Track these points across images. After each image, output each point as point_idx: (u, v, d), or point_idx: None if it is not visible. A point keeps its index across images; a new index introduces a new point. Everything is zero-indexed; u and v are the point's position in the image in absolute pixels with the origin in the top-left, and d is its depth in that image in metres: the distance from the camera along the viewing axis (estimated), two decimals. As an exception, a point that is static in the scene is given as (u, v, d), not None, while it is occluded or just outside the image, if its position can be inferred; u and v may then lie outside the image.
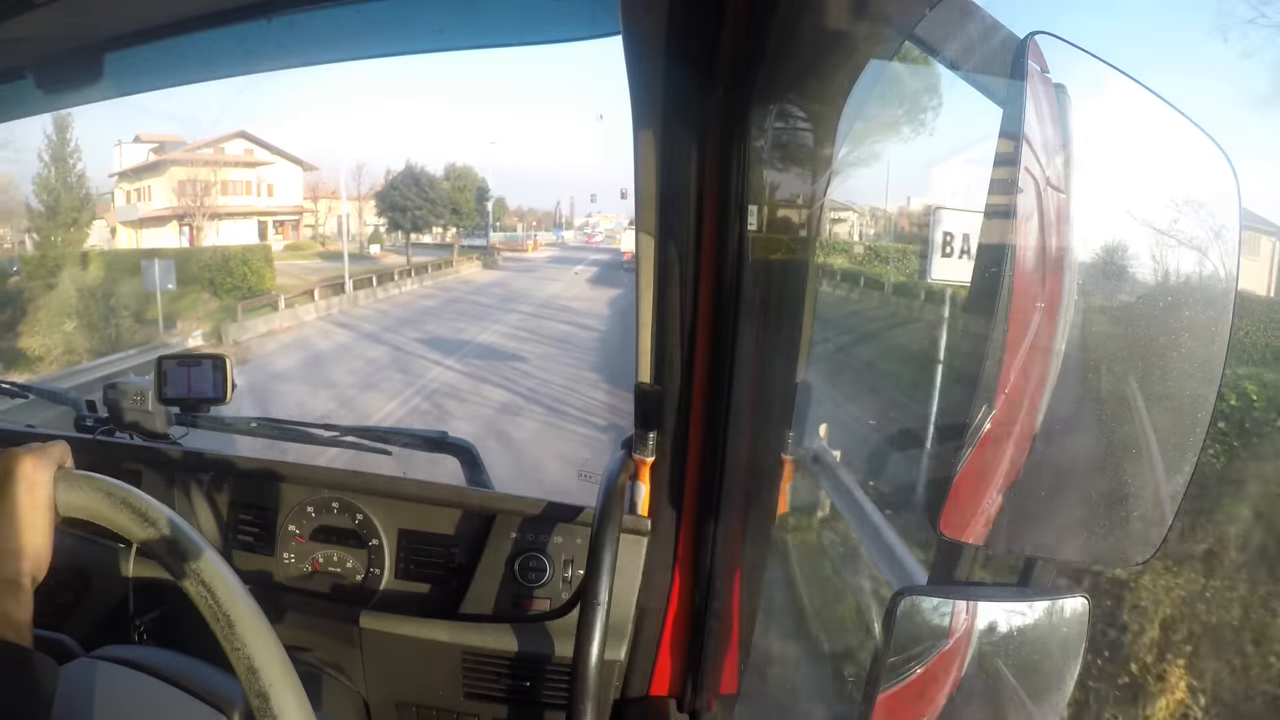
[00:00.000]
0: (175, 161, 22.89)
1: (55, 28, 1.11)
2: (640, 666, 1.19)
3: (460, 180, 30.20)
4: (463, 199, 29.80)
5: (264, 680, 0.60)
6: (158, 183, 22.97)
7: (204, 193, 23.59)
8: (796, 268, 1.10)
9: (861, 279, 5.91)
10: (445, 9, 1.18)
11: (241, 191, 25.51)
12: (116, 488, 0.67)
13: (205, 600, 0.62)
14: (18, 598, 0.61)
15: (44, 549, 0.64)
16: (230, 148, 25.74)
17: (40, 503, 0.65)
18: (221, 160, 25.26)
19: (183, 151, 23.09)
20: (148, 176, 22.99)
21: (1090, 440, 0.44)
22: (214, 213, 24.00)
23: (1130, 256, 0.43)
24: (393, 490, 1.26)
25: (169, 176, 22.88)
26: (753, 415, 1.07)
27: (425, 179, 28.38)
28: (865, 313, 5.70)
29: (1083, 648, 0.48)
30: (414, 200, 27.43)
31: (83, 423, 1.49)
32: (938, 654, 0.48)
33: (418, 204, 27.65)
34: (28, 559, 0.63)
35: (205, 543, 0.64)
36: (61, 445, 0.70)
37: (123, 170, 22.97)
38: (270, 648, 0.61)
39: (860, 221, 6.71)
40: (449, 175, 30.01)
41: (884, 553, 1.56)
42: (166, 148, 22.89)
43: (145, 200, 22.96)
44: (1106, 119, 0.45)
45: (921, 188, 7.26)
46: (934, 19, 0.69)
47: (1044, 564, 0.49)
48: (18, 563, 0.62)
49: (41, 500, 0.65)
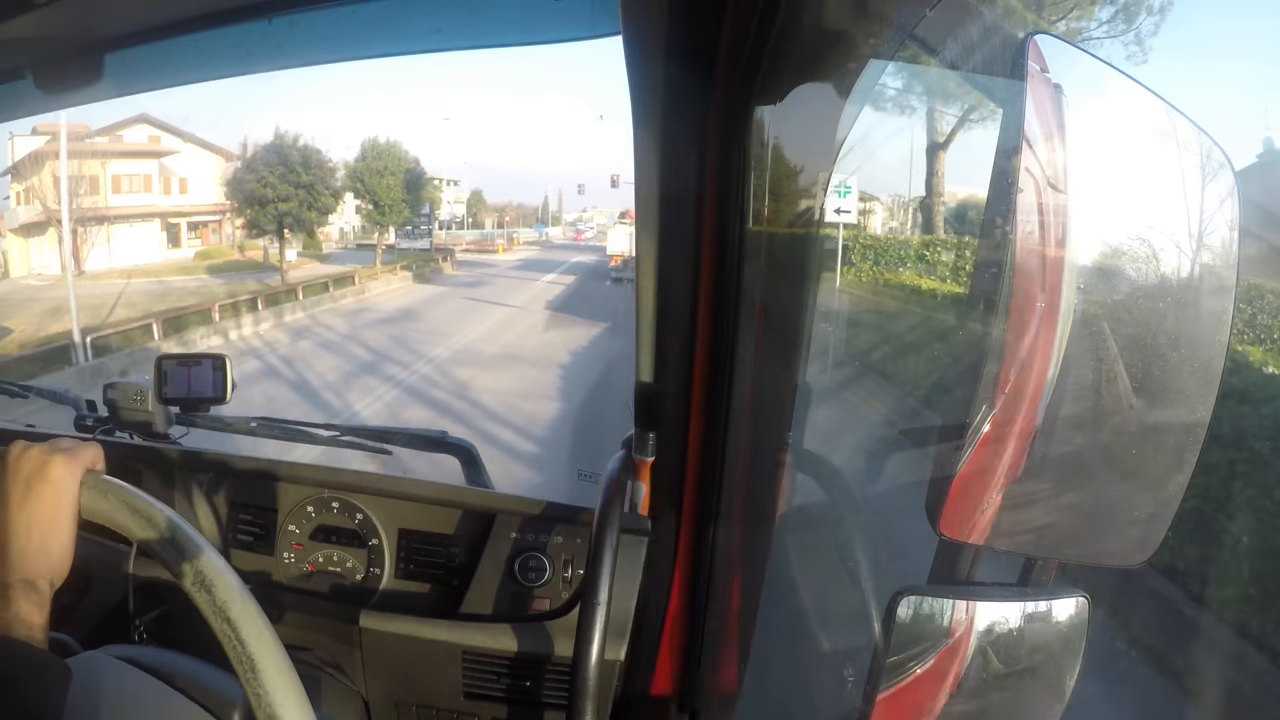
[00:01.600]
0: (52, 155, 16.99)
1: (55, 28, 1.11)
2: (640, 666, 1.19)
3: (381, 161, 22.01)
4: (382, 186, 21.80)
5: (264, 680, 0.60)
6: (41, 180, 18.14)
7: (89, 190, 18.44)
8: (797, 267, 1.10)
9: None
10: (445, 9, 1.17)
11: (139, 188, 20.22)
12: (134, 497, 0.65)
13: (205, 600, 0.62)
14: (34, 600, 0.60)
15: (66, 552, 0.63)
16: (131, 135, 20.25)
17: (65, 506, 0.64)
18: (110, 150, 19.51)
19: (49, 142, 16.78)
20: (30, 173, 18.33)
21: (1090, 440, 0.44)
22: (100, 215, 19.02)
23: (1130, 256, 0.43)
24: (393, 490, 1.26)
25: (50, 171, 17.64)
26: (753, 415, 1.07)
27: (304, 157, 18.77)
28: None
29: (1083, 647, 0.48)
30: (278, 187, 18.28)
31: (82, 422, 1.50)
32: (938, 654, 0.48)
33: (284, 193, 18.31)
34: (48, 561, 0.62)
35: (205, 542, 0.64)
36: (94, 449, 0.69)
37: (13, 166, 18.40)
38: (270, 648, 0.61)
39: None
40: (365, 154, 22.02)
41: (883, 552, 1.56)
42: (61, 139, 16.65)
43: (33, 203, 18.24)
44: (1106, 119, 0.45)
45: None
46: (934, 19, 0.69)
47: (1044, 564, 0.49)
48: (37, 564, 0.61)
49: (67, 503, 0.64)
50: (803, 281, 1.09)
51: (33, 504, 0.62)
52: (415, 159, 23.41)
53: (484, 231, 37.81)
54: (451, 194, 40.04)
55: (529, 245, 37.00)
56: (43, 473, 0.63)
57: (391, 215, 22.98)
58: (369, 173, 22.04)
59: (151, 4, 1.12)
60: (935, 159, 9.52)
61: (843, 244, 6.35)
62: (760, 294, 1.04)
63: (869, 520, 1.06)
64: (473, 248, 32.79)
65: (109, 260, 19.68)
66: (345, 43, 1.23)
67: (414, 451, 1.44)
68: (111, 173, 19.98)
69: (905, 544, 0.77)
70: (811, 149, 1.01)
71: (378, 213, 22.93)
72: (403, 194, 22.70)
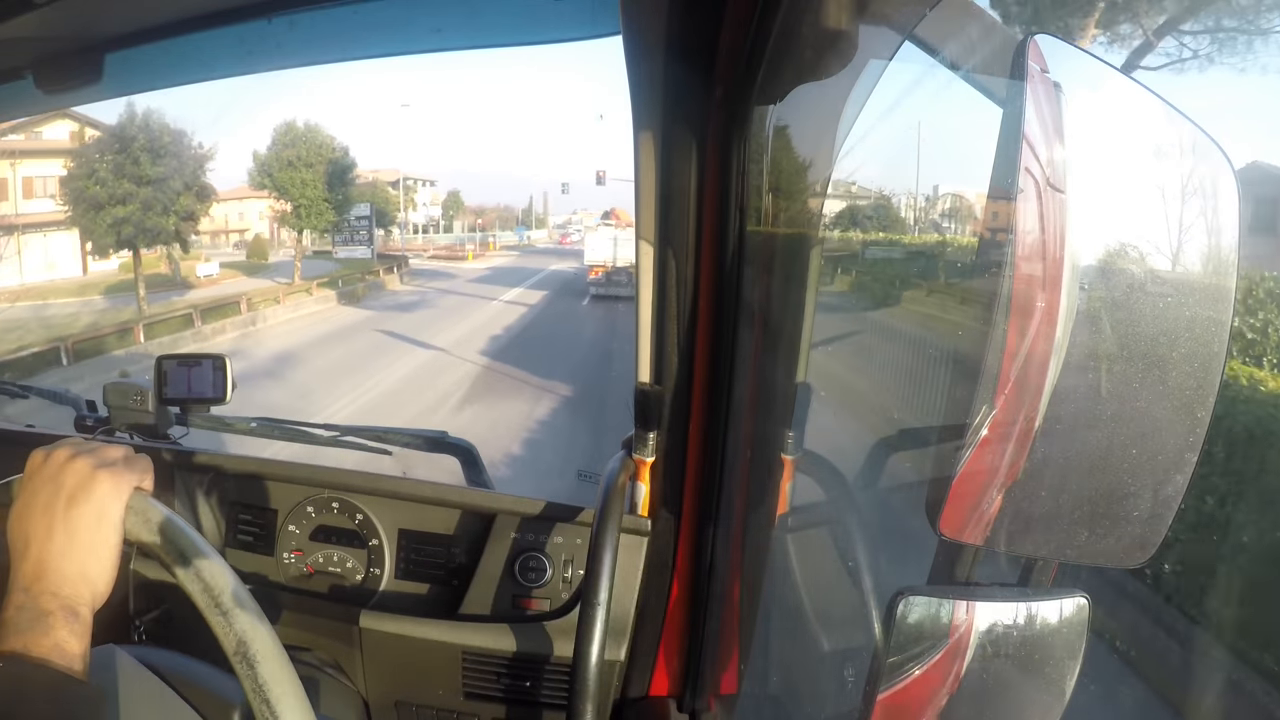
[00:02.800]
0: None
1: (55, 28, 1.11)
2: (640, 666, 1.19)
3: (294, 150, 17.11)
4: (293, 181, 16.88)
5: (263, 680, 0.60)
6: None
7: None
8: (797, 267, 1.10)
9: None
10: (445, 9, 1.17)
11: (56, 191, 15.86)
12: (176, 529, 0.62)
13: (205, 600, 0.62)
14: (74, 627, 0.56)
15: (109, 575, 0.60)
16: (51, 132, 16.50)
17: (110, 528, 0.60)
18: (21, 149, 15.92)
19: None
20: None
21: (1090, 440, 0.44)
22: (8, 224, 15.70)
23: (1130, 256, 0.43)
24: (393, 490, 1.26)
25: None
26: (753, 415, 1.07)
27: (151, 143, 13.16)
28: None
29: (1083, 647, 0.48)
30: (112, 186, 12.96)
31: (83, 423, 1.50)
32: (938, 654, 0.48)
33: (121, 193, 13.00)
34: (89, 587, 0.58)
35: (205, 543, 0.64)
36: (143, 464, 0.64)
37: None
38: (270, 647, 0.61)
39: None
40: (276, 142, 17.18)
41: (883, 552, 1.56)
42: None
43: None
44: (1106, 119, 0.45)
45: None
46: (934, 19, 0.69)
47: (1044, 564, 0.49)
48: (78, 589, 0.57)
49: (111, 525, 0.60)
50: (803, 281, 1.09)
51: (75, 523, 0.58)
52: (344, 148, 18.21)
53: (458, 235, 34.05)
54: (428, 195, 35.94)
55: (506, 250, 33.61)
56: (88, 489, 0.59)
57: (310, 218, 17.45)
58: (278, 164, 17.14)
59: (151, 4, 1.12)
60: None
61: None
62: (760, 294, 1.05)
63: (869, 520, 1.05)
64: (442, 253, 29.21)
65: (20, 275, 16.78)
66: (345, 43, 1.23)
67: (414, 451, 1.44)
68: (22, 174, 16.71)
69: (905, 544, 0.77)
70: (811, 149, 1.01)
71: (293, 215, 17.64)
72: (323, 191, 17.44)
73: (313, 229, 18.40)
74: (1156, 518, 0.45)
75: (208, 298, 15.41)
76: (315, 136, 17.71)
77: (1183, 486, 0.44)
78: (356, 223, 20.96)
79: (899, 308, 1.88)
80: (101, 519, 0.59)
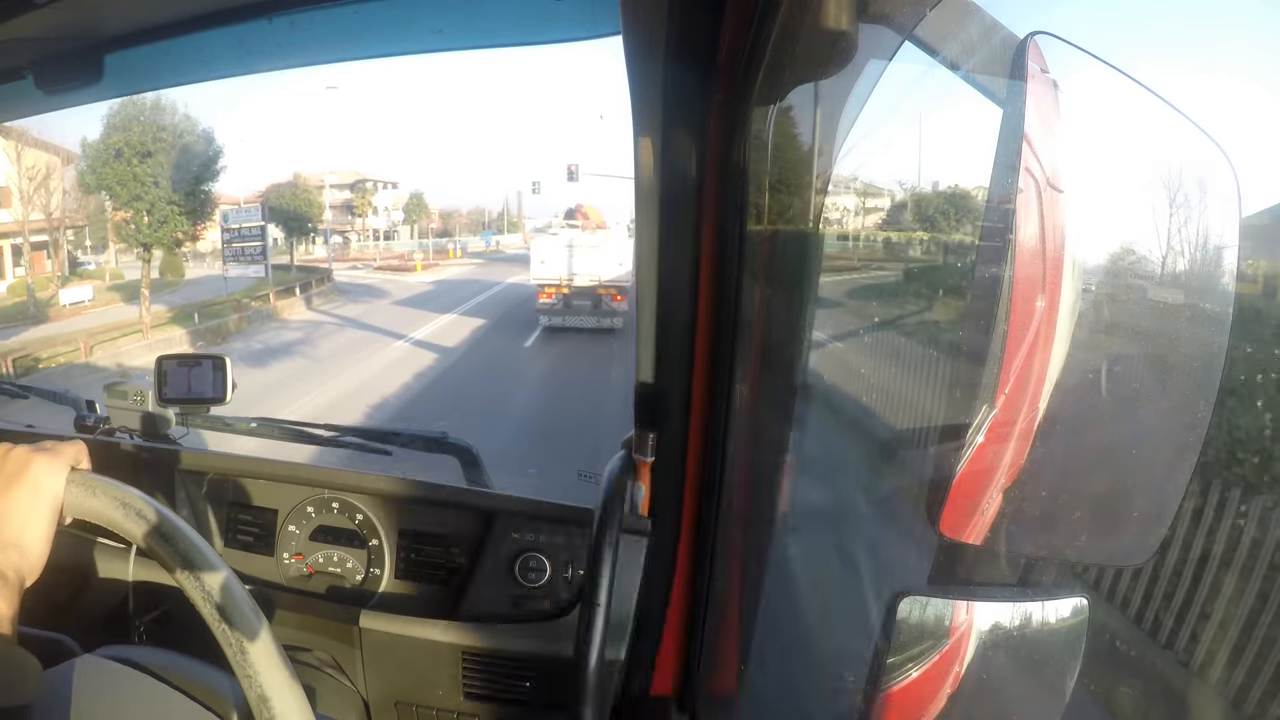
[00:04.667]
0: None
1: (55, 28, 1.11)
2: (640, 666, 1.19)
3: (130, 131, 12.15)
4: (125, 177, 12.06)
5: (263, 680, 0.60)
6: None
7: None
8: (797, 267, 1.10)
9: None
10: (445, 9, 1.17)
11: None
12: (125, 493, 0.66)
13: (204, 601, 0.62)
14: (3, 592, 0.60)
15: (39, 548, 0.64)
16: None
17: (44, 503, 0.65)
18: None
19: None
20: None
21: (1090, 440, 0.44)
22: None
23: (1130, 256, 0.43)
24: (393, 490, 1.26)
25: None
26: (753, 415, 1.07)
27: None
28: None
29: (1083, 647, 0.48)
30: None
31: (83, 423, 1.50)
32: (938, 654, 0.48)
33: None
34: (20, 555, 0.63)
35: (205, 543, 0.64)
36: (77, 446, 0.70)
37: None
38: (269, 648, 0.61)
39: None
40: (107, 128, 12.25)
41: (884, 553, 1.56)
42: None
43: None
44: (1106, 119, 0.45)
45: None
46: (934, 19, 0.69)
47: (1044, 564, 0.49)
48: (8, 556, 0.62)
49: (46, 501, 0.65)
50: (803, 281, 1.09)
51: (11, 500, 0.64)
52: (206, 130, 13.15)
53: (410, 243, 30.46)
54: (389, 198, 32.97)
55: (470, 259, 28.69)
56: (23, 471, 0.65)
57: (155, 229, 12.41)
58: (102, 156, 12.35)
59: (151, 4, 1.12)
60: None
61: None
62: (760, 293, 1.05)
63: (869, 520, 1.06)
64: (392, 263, 25.85)
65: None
66: (345, 43, 1.23)
67: (414, 452, 1.44)
68: None
69: (905, 544, 0.77)
70: (811, 149, 1.01)
71: (129, 225, 12.67)
72: (167, 190, 12.48)
73: (158, 244, 13.04)
74: (1156, 518, 0.45)
75: (43, 337, 12.23)
76: (159, 116, 12.42)
77: (1183, 486, 0.44)
78: (247, 233, 16.14)
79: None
80: (36, 494, 0.65)
